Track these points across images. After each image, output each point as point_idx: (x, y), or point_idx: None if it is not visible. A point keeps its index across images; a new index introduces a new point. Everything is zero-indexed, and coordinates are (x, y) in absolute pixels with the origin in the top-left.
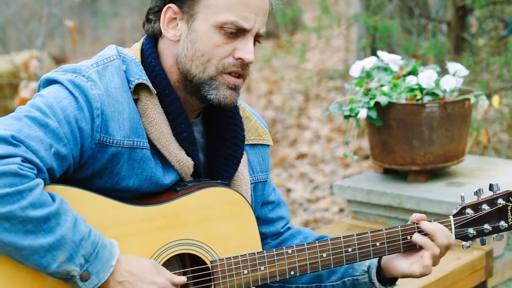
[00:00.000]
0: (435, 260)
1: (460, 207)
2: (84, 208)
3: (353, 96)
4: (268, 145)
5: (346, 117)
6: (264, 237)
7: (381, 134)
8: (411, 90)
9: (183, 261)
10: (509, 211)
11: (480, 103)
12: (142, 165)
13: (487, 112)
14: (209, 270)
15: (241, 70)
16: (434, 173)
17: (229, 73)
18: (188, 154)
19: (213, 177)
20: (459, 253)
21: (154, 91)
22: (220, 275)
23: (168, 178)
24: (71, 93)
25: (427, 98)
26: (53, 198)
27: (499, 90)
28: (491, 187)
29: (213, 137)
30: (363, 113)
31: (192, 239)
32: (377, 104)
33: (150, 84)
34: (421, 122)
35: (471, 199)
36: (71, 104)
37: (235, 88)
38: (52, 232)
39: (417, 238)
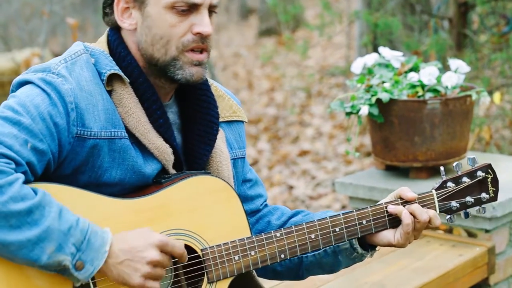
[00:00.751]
0: (413, 232)
1: (441, 181)
2: (70, 204)
3: (354, 93)
4: (243, 121)
5: (348, 114)
6: None
7: (383, 131)
8: (413, 86)
9: None
10: (489, 183)
11: (482, 99)
12: (123, 154)
13: (489, 109)
14: (200, 258)
15: (202, 44)
16: (436, 170)
17: (191, 50)
18: (165, 140)
19: (190, 155)
20: (461, 249)
21: (127, 80)
22: (211, 263)
23: (150, 168)
24: (43, 90)
25: (428, 95)
26: (35, 192)
27: (500, 86)
28: (469, 161)
29: (188, 117)
30: (364, 110)
31: (181, 229)
32: (378, 100)
33: (122, 74)
34: (423, 118)
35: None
36: (44, 100)
37: (200, 64)
38: (37, 224)
39: (391, 208)
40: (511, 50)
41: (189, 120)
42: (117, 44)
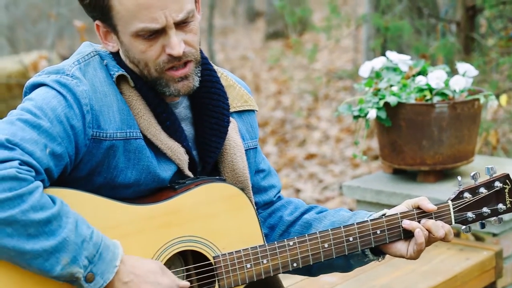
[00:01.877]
0: (426, 244)
1: (458, 191)
2: (83, 209)
3: (362, 97)
4: (254, 110)
5: (356, 117)
6: (256, 206)
7: (391, 134)
8: (421, 90)
9: (185, 259)
10: (506, 193)
11: (490, 103)
12: (138, 155)
13: (497, 112)
14: (212, 266)
15: (179, 61)
16: (444, 174)
17: (171, 68)
18: (176, 140)
19: (203, 149)
20: (468, 253)
21: (132, 83)
22: (223, 270)
23: (165, 171)
24: (58, 92)
25: (436, 99)
26: (53, 201)
27: (508, 90)
28: (487, 171)
29: (199, 110)
30: (372, 114)
31: (193, 236)
32: (386, 104)
33: (129, 76)
34: (431, 122)
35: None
36: (60, 103)
37: (186, 77)
38: (55, 235)
39: (406, 224)
40: None
41: (201, 113)
42: (114, 52)
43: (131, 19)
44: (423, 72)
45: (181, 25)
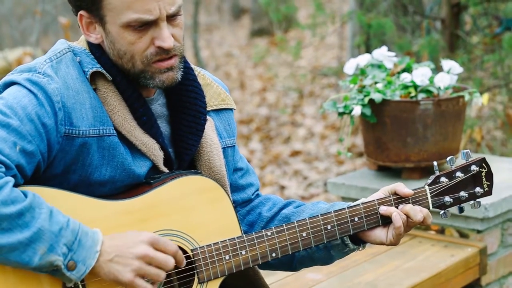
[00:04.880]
0: (405, 228)
1: (434, 176)
2: (60, 206)
3: (347, 93)
4: (231, 109)
5: (340, 114)
6: (234, 204)
7: (375, 131)
8: (405, 87)
9: None
10: (483, 177)
11: (474, 100)
12: (112, 151)
13: (481, 110)
14: (191, 258)
15: (167, 54)
16: (428, 171)
17: (158, 60)
18: (152, 137)
19: (180, 147)
20: (452, 250)
21: (110, 77)
22: (202, 263)
23: (140, 167)
24: (30, 91)
25: (421, 95)
26: (25, 194)
27: (492, 87)
28: (463, 155)
29: (176, 108)
30: (357, 110)
31: (171, 229)
32: (371, 101)
33: (105, 72)
34: (415, 119)
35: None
36: (31, 101)
37: (171, 69)
38: (29, 226)
39: (382, 210)
40: (503, 51)
41: (177, 111)
42: (94, 45)
43: (124, 9)
44: (408, 69)
45: (171, 18)
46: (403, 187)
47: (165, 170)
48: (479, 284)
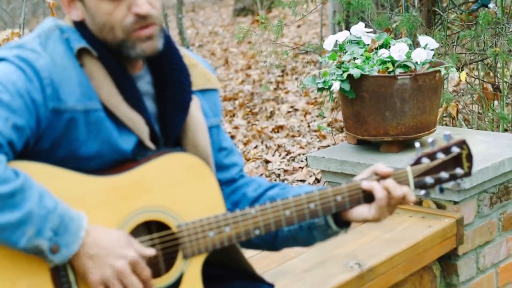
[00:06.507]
0: (388, 206)
1: (417, 157)
2: (46, 182)
3: (326, 69)
4: (216, 89)
5: (320, 89)
6: (219, 184)
7: (354, 106)
8: (383, 62)
9: (149, 229)
10: (463, 158)
11: (451, 75)
12: (99, 126)
13: (458, 85)
14: (176, 235)
15: (145, 22)
16: (406, 144)
17: (138, 29)
18: (138, 112)
19: (165, 125)
20: (430, 221)
21: (95, 53)
22: (186, 239)
23: (125, 143)
24: (18, 67)
25: (398, 71)
26: (16, 174)
27: (469, 62)
28: (445, 137)
29: (161, 86)
30: (336, 86)
31: (156, 206)
32: (350, 76)
33: (90, 48)
34: (393, 94)
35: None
36: (20, 77)
37: (151, 37)
38: (19, 208)
39: (364, 184)
40: (479, 27)
41: (163, 89)
42: (78, 23)
43: None
44: (385, 45)
45: None
46: (383, 166)
47: (151, 146)
48: (456, 253)
